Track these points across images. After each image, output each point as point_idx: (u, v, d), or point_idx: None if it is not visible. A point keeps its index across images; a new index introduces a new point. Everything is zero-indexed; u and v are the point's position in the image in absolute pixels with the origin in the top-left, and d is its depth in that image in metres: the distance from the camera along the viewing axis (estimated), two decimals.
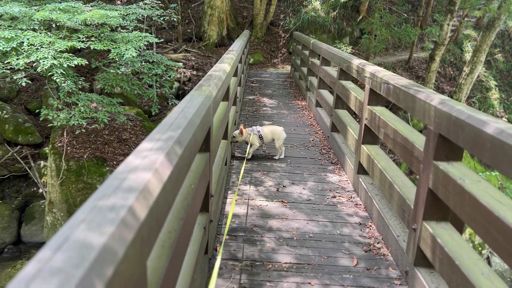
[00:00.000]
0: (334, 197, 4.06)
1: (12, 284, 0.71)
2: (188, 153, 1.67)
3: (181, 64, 10.58)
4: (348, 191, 4.24)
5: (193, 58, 12.41)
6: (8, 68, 6.19)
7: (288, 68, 13.32)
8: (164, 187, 1.24)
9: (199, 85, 2.65)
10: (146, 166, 1.25)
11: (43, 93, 10.39)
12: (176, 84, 10.96)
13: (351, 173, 4.40)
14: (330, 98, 6.13)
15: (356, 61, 4.60)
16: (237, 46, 6.07)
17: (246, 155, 4.61)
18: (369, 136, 3.98)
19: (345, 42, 14.16)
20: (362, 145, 4.00)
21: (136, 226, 0.97)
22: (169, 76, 8.30)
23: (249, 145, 4.79)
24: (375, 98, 3.88)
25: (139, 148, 1.41)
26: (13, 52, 6.25)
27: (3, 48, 6.01)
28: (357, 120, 5.00)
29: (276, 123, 6.38)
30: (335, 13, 14.38)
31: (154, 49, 11.62)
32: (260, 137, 4.85)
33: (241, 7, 15.91)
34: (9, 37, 6.12)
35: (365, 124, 3.97)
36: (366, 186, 3.86)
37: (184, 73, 11.39)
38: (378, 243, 3.27)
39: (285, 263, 2.90)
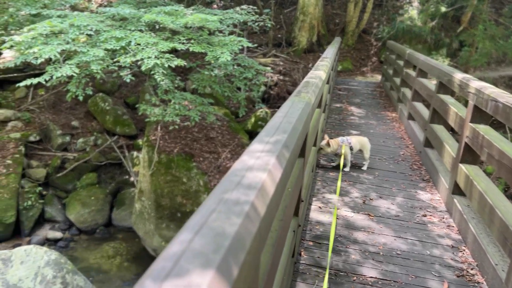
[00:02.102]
0: (425, 215, 3.87)
1: (160, 260, 0.80)
2: (293, 157, 1.72)
3: (269, 68, 10.78)
4: (440, 211, 4.01)
5: (281, 63, 12.57)
6: (116, 65, 6.77)
7: (377, 77, 12.95)
8: (276, 187, 1.29)
9: (298, 92, 2.71)
10: (260, 166, 1.31)
11: (141, 89, 11.19)
12: (262, 88, 11.18)
13: (445, 192, 4.16)
14: (425, 111, 5.85)
15: (459, 75, 4.35)
16: (330, 53, 6.06)
17: (341, 166, 4.48)
18: (469, 155, 3.74)
19: (442, 54, 13.41)
20: (460, 164, 3.77)
21: (257, 221, 1.03)
22: (258, 81, 8.50)
23: (342, 157, 4.65)
24: (479, 115, 3.64)
25: (251, 149, 1.48)
26: (121, 50, 6.83)
27: (113, 46, 6.58)
28: (455, 137, 4.73)
29: (364, 134, 6.24)
30: (433, 23, 13.70)
31: (245, 53, 11.97)
32: (351, 148, 4.76)
33: (333, 14, 15.80)
34: (119, 36, 6.69)
35: (465, 142, 3.74)
36: (462, 208, 3.63)
37: (271, 77, 11.58)
38: (472, 269, 3.06)
39: (370, 277, 2.84)
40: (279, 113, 2.02)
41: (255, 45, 9.67)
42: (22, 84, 5.97)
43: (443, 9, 12.89)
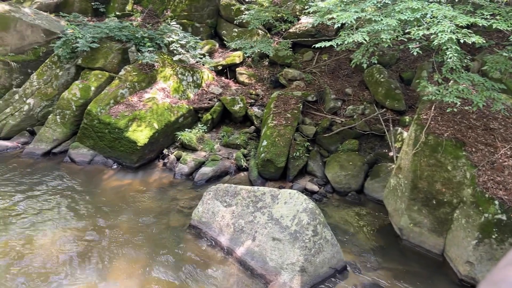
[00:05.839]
0: None
1: None
2: None
3: None
4: None
5: None
6: (406, 37, 6.63)
7: None
8: None
9: None
10: None
11: (419, 65, 10.74)
12: None
13: None
14: None
15: None
16: None
17: None
18: None
19: None
20: None
21: None
22: None
23: None
24: None
25: None
26: (414, 22, 6.62)
27: (407, 17, 6.43)
28: None
29: None
30: None
31: None
32: None
33: None
34: (415, 7, 6.48)
35: None
36: None
37: None
38: None
39: None
40: None
41: None
42: (317, 45, 6.58)
43: None
